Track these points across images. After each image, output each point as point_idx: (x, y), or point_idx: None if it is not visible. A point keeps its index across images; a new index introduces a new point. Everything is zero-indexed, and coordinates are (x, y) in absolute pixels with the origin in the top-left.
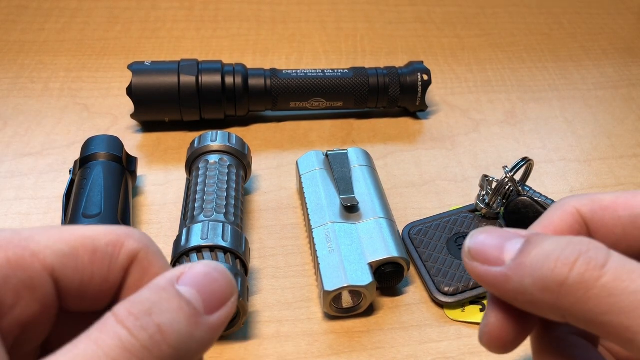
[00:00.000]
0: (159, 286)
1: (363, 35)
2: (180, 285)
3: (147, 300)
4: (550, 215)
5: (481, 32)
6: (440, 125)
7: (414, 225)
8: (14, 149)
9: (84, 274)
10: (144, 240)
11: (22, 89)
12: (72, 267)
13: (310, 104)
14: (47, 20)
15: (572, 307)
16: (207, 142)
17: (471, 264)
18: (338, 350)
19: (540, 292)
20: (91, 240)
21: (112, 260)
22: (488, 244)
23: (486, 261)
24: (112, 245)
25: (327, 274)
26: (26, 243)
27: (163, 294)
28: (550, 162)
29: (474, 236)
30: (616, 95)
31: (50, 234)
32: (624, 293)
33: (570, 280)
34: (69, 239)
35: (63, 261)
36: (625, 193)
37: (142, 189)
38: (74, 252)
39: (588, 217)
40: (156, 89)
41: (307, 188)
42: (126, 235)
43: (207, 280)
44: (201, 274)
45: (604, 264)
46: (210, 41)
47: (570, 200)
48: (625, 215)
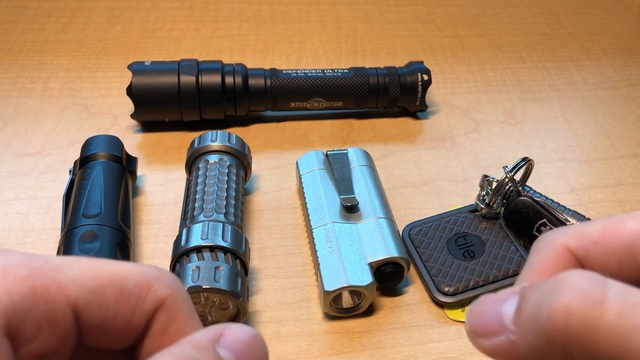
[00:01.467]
0: (200, 344)
1: (363, 35)
2: (221, 348)
3: (190, 357)
4: (540, 258)
5: (481, 32)
6: (440, 125)
7: (414, 225)
8: (14, 149)
9: (108, 313)
10: (173, 285)
11: (22, 89)
12: (96, 305)
13: (310, 104)
14: (47, 20)
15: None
16: (207, 142)
17: (477, 342)
18: (338, 350)
19: (549, 347)
20: (120, 280)
21: (138, 302)
22: (485, 314)
23: (490, 333)
24: (141, 288)
25: (327, 274)
26: (54, 274)
27: (205, 353)
28: (550, 162)
29: (470, 312)
30: (616, 95)
31: (80, 266)
32: (634, 332)
33: (572, 327)
34: (98, 274)
35: (88, 297)
36: (611, 221)
37: (142, 189)
38: (100, 289)
39: (580, 253)
40: (156, 89)
41: (307, 188)
42: (157, 278)
43: (246, 347)
44: (241, 341)
45: (602, 298)
46: (210, 41)
47: (557, 238)
48: (617, 246)
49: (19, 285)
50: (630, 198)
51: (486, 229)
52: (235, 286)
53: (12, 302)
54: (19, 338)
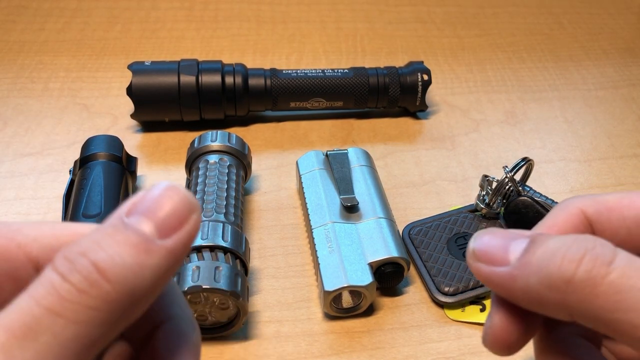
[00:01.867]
0: (106, 223)
1: (363, 35)
2: (130, 216)
3: (88, 240)
4: (554, 215)
5: (481, 32)
6: (440, 125)
7: (414, 225)
8: (14, 149)
9: None
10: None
11: (22, 89)
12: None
13: (310, 104)
14: (47, 20)
15: (579, 305)
16: (207, 142)
17: (476, 265)
18: (338, 350)
19: (546, 290)
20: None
21: None
22: (492, 244)
23: (491, 262)
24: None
25: (327, 274)
26: (13, 235)
27: (109, 229)
28: (550, 162)
29: (477, 237)
30: (616, 95)
31: (42, 228)
32: (631, 290)
33: (577, 278)
34: (60, 234)
35: (50, 255)
36: (630, 193)
37: (142, 189)
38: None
39: (593, 217)
40: (156, 89)
41: (307, 188)
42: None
43: (158, 203)
44: (152, 199)
45: (610, 260)
46: (210, 41)
47: (574, 201)
48: (630, 216)
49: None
50: None
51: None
52: (235, 286)
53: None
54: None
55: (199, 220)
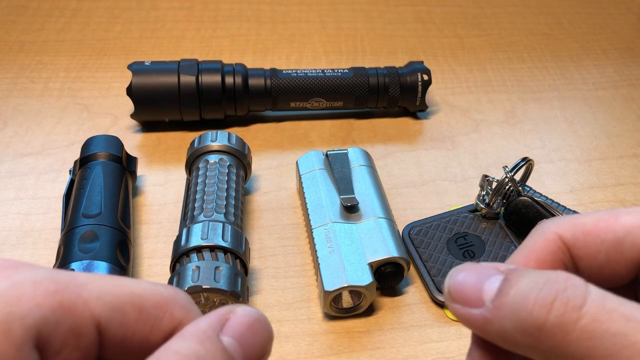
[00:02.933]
0: (204, 334)
1: (363, 35)
2: (225, 336)
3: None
4: (531, 242)
5: (481, 32)
6: (440, 125)
7: (414, 225)
8: (14, 149)
9: (127, 330)
10: (188, 306)
11: (22, 89)
12: (117, 322)
13: (310, 104)
14: (47, 20)
15: (553, 350)
16: (207, 142)
17: (453, 306)
18: (338, 350)
19: (520, 335)
20: (140, 299)
21: (156, 322)
22: (467, 284)
23: (466, 303)
24: (159, 308)
25: (327, 274)
26: (80, 290)
27: (209, 345)
28: (550, 162)
29: (452, 276)
30: (616, 95)
31: (103, 284)
32: (603, 336)
33: (549, 324)
34: (120, 292)
35: (111, 314)
36: (607, 214)
37: (142, 189)
38: (122, 307)
39: (571, 242)
40: (156, 89)
41: (307, 188)
42: (173, 299)
43: (250, 332)
44: (245, 325)
45: (582, 304)
46: (210, 41)
47: (551, 226)
48: (607, 239)
49: (48, 299)
50: (630, 198)
51: (486, 229)
52: (235, 286)
53: (42, 316)
54: (47, 351)
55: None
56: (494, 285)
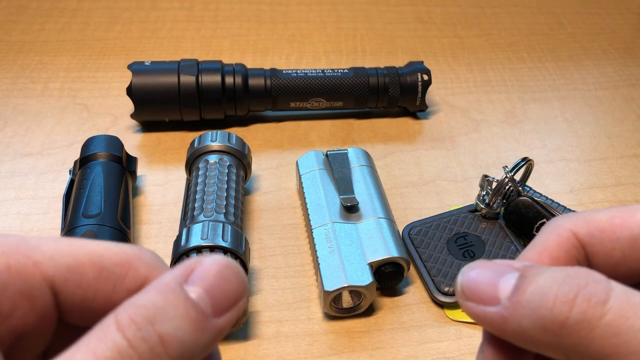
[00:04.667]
0: (166, 286)
1: (363, 35)
2: (189, 285)
3: (152, 305)
4: (544, 239)
5: (481, 32)
6: (440, 125)
7: (414, 225)
8: (14, 149)
9: (87, 291)
10: (154, 263)
11: (22, 89)
12: (74, 282)
13: (310, 104)
14: (47, 20)
15: (575, 348)
16: (207, 142)
17: (466, 304)
18: (338, 350)
19: (540, 333)
20: (99, 258)
21: (118, 281)
22: (481, 281)
23: (481, 301)
24: (121, 266)
25: (327, 274)
26: (31, 252)
27: (170, 296)
28: (550, 162)
29: (465, 273)
30: (616, 95)
31: (58, 246)
32: (630, 331)
33: (571, 321)
34: (77, 253)
35: (66, 275)
36: (621, 210)
37: (142, 189)
38: (79, 267)
39: (585, 240)
40: (156, 89)
41: (307, 188)
42: (137, 257)
43: (218, 280)
44: (212, 272)
45: (605, 299)
46: (210, 41)
47: (565, 222)
48: (623, 236)
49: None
50: (630, 198)
51: (486, 229)
52: None
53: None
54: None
55: (247, 302)
56: (510, 282)
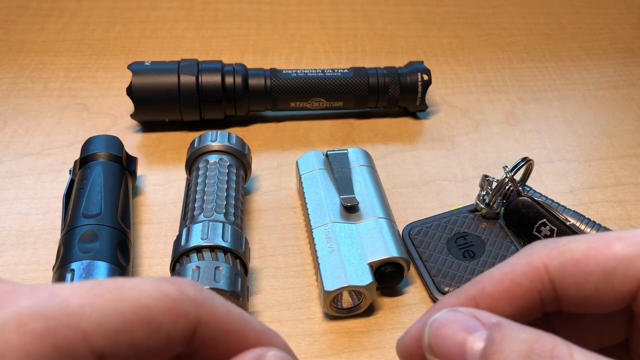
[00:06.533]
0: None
1: (363, 35)
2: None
3: None
4: (514, 263)
5: (481, 32)
6: (440, 125)
7: (414, 225)
8: (14, 149)
9: (140, 348)
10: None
11: (22, 89)
12: (125, 344)
13: (310, 104)
14: (47, 20)
15: None
16: (207, 142)
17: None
18: (338, 350)
19: None
20: (146, 312)
21: (170, 329)
22: (449, 339)
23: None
24: (169, 315)
25: (327, 274)
26: (76, 321)
27: None
28: (550, 162)
29: (432, 326)
30: (616, 95)
31: (102, 304)
32: None
33: None
34: (122, 309)
35: (116, 339)
36: (598, 241)
37: (142, 189)
38: (128, 327)
39: (557, 273)
40: (156, 89)
41: (307, 188)
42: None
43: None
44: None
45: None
46: (210, 41)
47: (539, 251)
48: (596, 270)
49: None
50: (630, 198)
51: (486, 229)
52: (235, 286)
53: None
54: None
55: None
56: (478, 345)
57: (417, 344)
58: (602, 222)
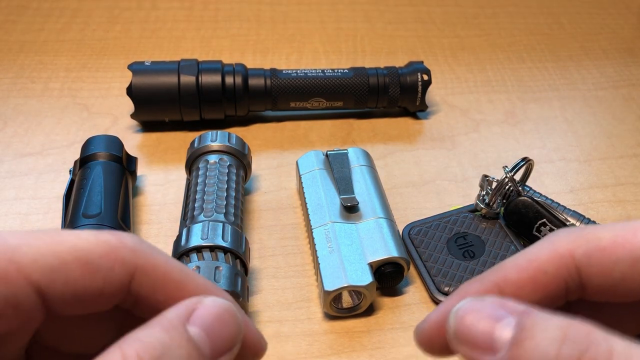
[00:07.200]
0: (171, 324)
1: (363, 35)
2: (191, 326)
3: (158, 343)
4: (539, 249)
5: (481, 32)
6: (440, 125)
7: (414, 225)
8: (14, 149)
9: (76, 287)
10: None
11: (22, 89)
12: (61, 282)
13: (310, 104)
14: (47, 20)
15: None
16: (207, 142)
17: (459, 347)
18: (338, 350)
19: None
20: (83, 253)
21: (108, 273)
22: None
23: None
24: (106, 258)
25: (327, 274)
26: (12, 254)
27: (175, 335)
28: (550, 162)
29: (457, 316)
30: (616, 95)
31: (39, 244)
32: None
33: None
34: (59, 250)
35: (51, 276)
36: (625, 229)
37: (142, 189)
38: (63, 266)
39: (583, 261)
40: (156, 89)
41: (307, 188)
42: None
43: (218, 323)
44: (213, 315)
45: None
46: (210, 41)
47: (564, 240)
48: (624, 257)
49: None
50: (631, 198)
51: (486, 229)
52: (235, 286)
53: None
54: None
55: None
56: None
57: (438, 332)
58: (602, 222)
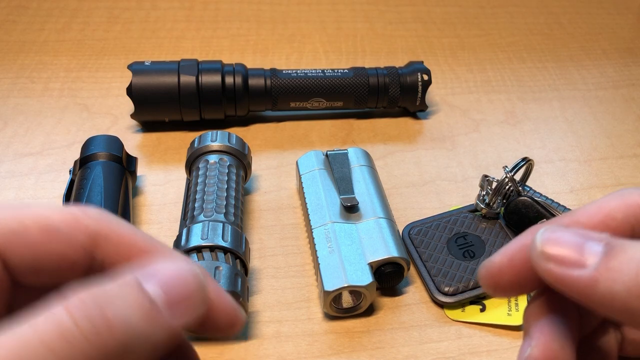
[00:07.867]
0: (122, 277)
1: (363, 35)
2: (147, 282)
3: (103, 290)
4: (608, 199)
5: (481, 32)
6: (440, 125)
7: (414, 225)
8: (14, 149)
9: (37, 252)
10: (101, 217)
11: (22, 89)
12: (22, 245)
13: (310, 104)
14: (47, 20)
15: None
16: (207, 142)
17: (546, 266)
18: (338, 350)
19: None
20: (44, 219)
21: (70, 239)
22: (565, 243)
23: (564, 263)
24: (66, 224)
25: (327, 274)
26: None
27: (124, 285)
28: (550, 162)
29: (545, 235)
30: (616, 95)
31: (4, 212)
32: None
33: None
34: (19, 215)
35: (11, 238)
36: None
37: (142, 189)
38: (24, 230)
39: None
40: (156, 89)
41: (307, 188)
42: (82, 213)
43: (176, 281)
44: (171, 273)
45: None
46: (210, 41)
47: (633, 193)
48: None
49: None
50: None
51: (486, 229)
52: (235, 286)
53: None
54: None
55: (205, 308)
56: (597, 248)
57: (509, 263)
58: None
